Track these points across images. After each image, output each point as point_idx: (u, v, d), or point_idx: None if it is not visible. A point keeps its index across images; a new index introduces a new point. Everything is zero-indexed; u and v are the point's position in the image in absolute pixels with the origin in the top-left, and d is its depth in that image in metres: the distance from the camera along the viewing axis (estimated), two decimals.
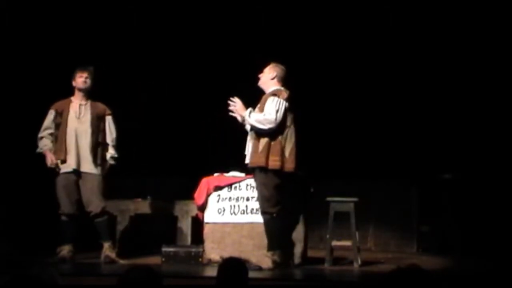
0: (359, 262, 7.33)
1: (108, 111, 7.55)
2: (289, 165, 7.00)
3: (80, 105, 7.48)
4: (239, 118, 7.16)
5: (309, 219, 7.46)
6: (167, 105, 9.61)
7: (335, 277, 6.88)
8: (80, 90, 7.48)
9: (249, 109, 7.11)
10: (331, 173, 8.89)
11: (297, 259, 7.25)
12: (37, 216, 8.49)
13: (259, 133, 7.03)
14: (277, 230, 7.02)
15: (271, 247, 7.00)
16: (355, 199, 7.45)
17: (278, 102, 7.03)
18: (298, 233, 7.30)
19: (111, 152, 7.49)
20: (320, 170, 7.99)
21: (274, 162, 6.95)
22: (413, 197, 9.32)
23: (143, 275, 3.40)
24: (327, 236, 7.41)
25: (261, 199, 7.06)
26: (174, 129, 9.52)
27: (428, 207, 9.25)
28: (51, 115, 7.51)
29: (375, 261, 7.77)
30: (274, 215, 6.99)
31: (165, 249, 7.40)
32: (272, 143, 6.99)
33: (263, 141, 7.01)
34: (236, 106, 7.14)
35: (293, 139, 7.07)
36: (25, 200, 8.58)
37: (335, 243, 7.46)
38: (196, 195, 7.49)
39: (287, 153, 7.01)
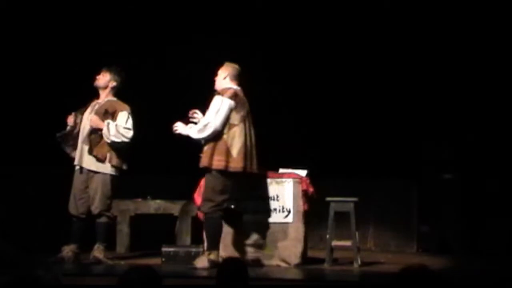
0: (359, 262, 7.34)
1: (123, 108, 7.38)
2: (236, 165, 6.91)
3: (97, 103, 7.46)
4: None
5: (309, 219, 7.46)
6: (167, 105, 9.61)
7: (335, 277, 6.88)
8: (97, 87, 7.48)
9: (189, 125, 7.08)
10: (331, 172, 8.88)
11: (297, 259, 7.26)
12: (37, 216, 8.49)
13: (202, 121, 7.00)
14: (217, 230, 7.00)
15: (209, 246, 7.00)
16: (355, 199, 7.44)
17: (220, 102, 6.98)
18: (298, 233, 7.30)
19: (109, 130, 7.26)
20: (320, 169, 7.98)
21: (218, 162, 6.91)
22: (413, 197, 9.33)
23: (143, 275, 3.40)
24: (327, 236, 7.41)
25: (204, 198, 7.03)
26: None
27: (428, 207, 9.25)
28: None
29: (375, 261, 7.77)
30: (215, 215, 6.94)
31: (165, 249, 7.40)
32: (217, 142, 6.94)
33: (209, 141, 6.99)
34: (179, 129, 7.11)
35: (242, 138, 6.97)
36: (25, 200, 8.57)
37: (335, 243, 7.46)
38: (196, 195, 7.49)
39: (234, 153, 6.92)
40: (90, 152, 7.27)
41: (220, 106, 6.96)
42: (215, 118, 6.93)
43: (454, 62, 9.21)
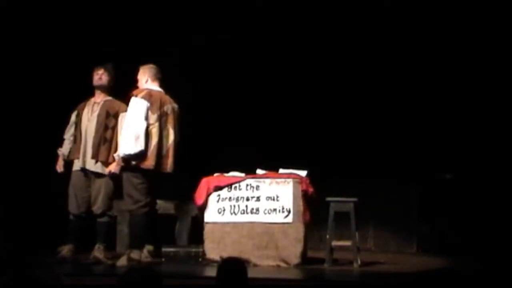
0: (359, 262, 7.33)
1: (124, 108, 7.35)
2: (149, 162, 7.02)
3: (95, 103, 7.43)
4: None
5: (309, 219, 7.46)
6: None
7: (335, 277, 6.88)
8: (97, 87, 7.44)
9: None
10: (331, 172, 8.89)
11: (297, 259, 7.26)
12: (37, 216, 8.49)
13: (123, 132, 7.07)
14: (139, 229, 7.09)
15: (131, 245, 7.10)
16: (355, 199, 7.44)
17: (134, 103, 7.09)
18: (298, 233, 7.30)
19: (118, 153, 7.28)
20: (320, 170, 7.99)
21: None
22: (413, 197, 9.33)
23: (143, 275, 3.40)
24: (327, 236, 7.41)
25: (126, 197, 7.15)
26: None
27: (428, 207, 9.25)
28: (73, 115, 7.53)
29: (375, 261, 7.77)
30: (138, 213, 7.06)
31: (165, 249, 7.41)
32: None
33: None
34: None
35: (156, 138, 7.07)
36: (25, 199, 8.58)
37: (335, 243, 7.46)
38: (196, 195, 7.51)
39: (148, 151, 7.03)
40: (96, 158, 7.27)
41: (134, 107, 7.07)
42: (136, 120, 7.01)
43: (454, 62, 9.21)
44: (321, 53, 9.50)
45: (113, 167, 7.20)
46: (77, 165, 7.38)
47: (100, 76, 7.44)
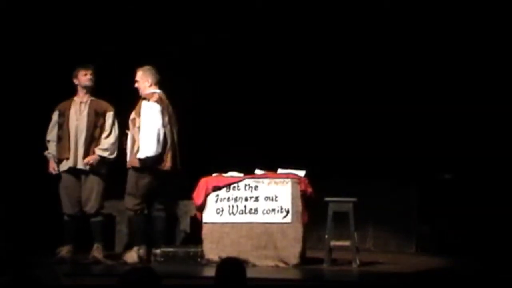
0: (358, 262, 7.34)
1: (110, 109, 7.51)
2: (167, 164, 7.28)
3: (81, 102, 7.50)
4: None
5: (308, 219, 7.47)
6: None
7: (334, 277, 6.90)
8: (84, 87, 7.51)
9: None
10: (330, 172, 8.89)
11: (296, 260, 7.26)
12: (37, 216, 8.49)
13: (142, 135, 7.20)
14: (142, 226, 7.29)
15: (137, 242, 7.29)
16: (354, 199, 7.45)
17: (148, 107, 7.26)
18: (297, 233, 7.31)
19: (100, 147, 7.39)
20: (319, 170, 7.99)
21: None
22: (413, 197, 9.32)
23: (143, 275, 3.41)
24: (326, 236, 7.42)
25: (127, 195, 7.30)
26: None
27: (428, 207, 9.25)
28: (55, 116, 7.57)
29: (374, 262, 7.77)
30: (138, 212, 7.27)
31: (164, 249, 7.41)
32: None
33: (138, 142, 7.24)
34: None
35: (169, 140, 7.28)
36: (24, 199, 8.58)
37: (334, 243, 7.46)
38: (195, 195, 7.52)
39: (164, 153, 7.26)
40: (87, 156, 7.34)
41: (152, 111, 7.25)
42: (154, 123, 7.20)
43: (454, 62, 9.22)
44: (321, 53, 9.49)
45: (92, 158, 7.31)
46: (65, 166, 7.41)
47: (90, 77, 7.53)
